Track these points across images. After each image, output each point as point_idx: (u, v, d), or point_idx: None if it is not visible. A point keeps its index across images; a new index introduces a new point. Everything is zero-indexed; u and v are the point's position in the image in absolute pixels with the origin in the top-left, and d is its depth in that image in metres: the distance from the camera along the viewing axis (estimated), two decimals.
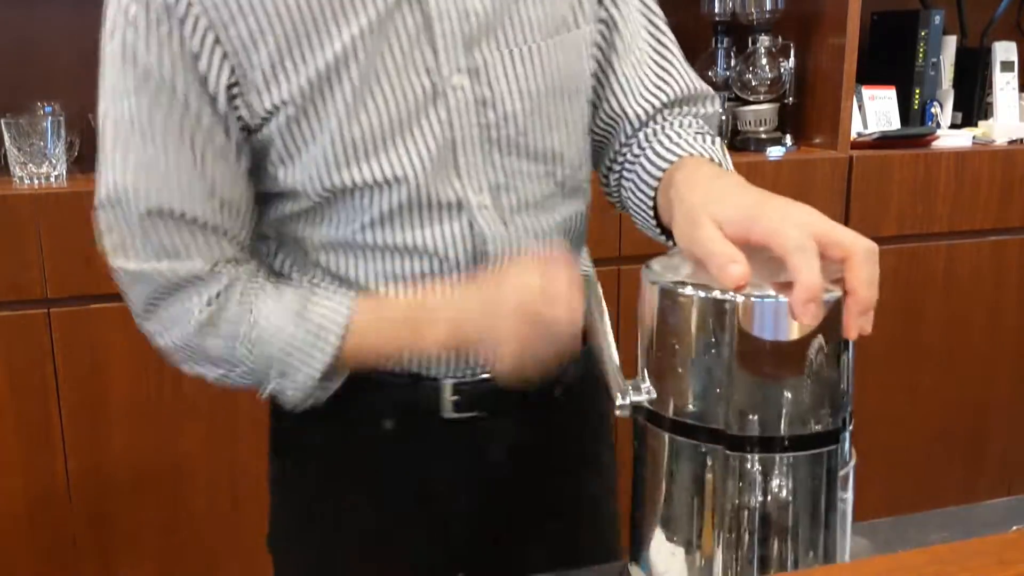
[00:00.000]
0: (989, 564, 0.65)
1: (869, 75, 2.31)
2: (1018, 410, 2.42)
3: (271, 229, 0.91)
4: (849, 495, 0.71)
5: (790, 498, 0.67)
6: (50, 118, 1.77)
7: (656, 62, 0.95)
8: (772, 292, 0.64)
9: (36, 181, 1.76)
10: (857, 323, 0.64)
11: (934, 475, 2.36)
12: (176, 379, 1.81)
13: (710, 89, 0.98)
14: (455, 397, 0.91)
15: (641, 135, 0.93)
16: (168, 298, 0.85)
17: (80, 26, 2.03)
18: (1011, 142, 2.33)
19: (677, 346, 0.68)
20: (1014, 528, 0.91)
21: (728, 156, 0.91)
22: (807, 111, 2.23)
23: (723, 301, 0.64)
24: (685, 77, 0.95)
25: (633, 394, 0.70)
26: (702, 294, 0.65)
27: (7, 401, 1.74)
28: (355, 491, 0.97)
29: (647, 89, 0.94)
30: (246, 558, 1.93)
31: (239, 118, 0.81)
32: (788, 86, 2.22)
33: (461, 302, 0.85)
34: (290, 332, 0.85)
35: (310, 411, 0.90)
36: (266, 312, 0.85)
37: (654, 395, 0.70)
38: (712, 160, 0.86)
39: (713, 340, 0.66)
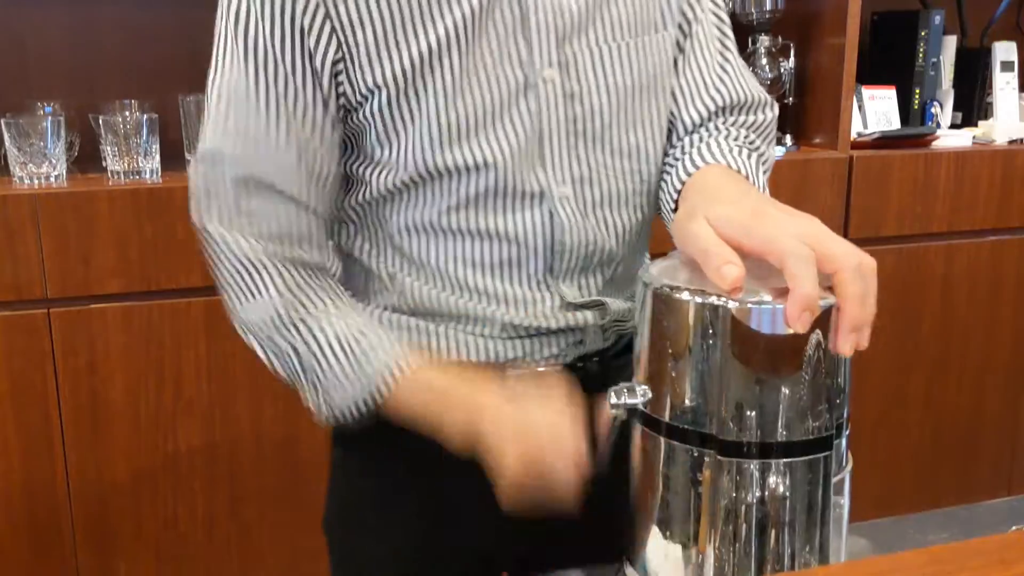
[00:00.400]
0: (989, 564, 0.65)
1: (869, 75, 2.32)
2: (1017, 410, 2.42)
3: (354, 213, 0.94)
4: (845, 499, 0.71)
5: (783, 503, 0.67)
6: (50, 118, 1.77)
7: (720, 64, 0.96)
8: (766, 297, 0.64)
9: (36, 181, 1.76)
10: (848, 338, 0.64)
11: (933, 475, 2.37)
12: (176, 379, 1.81)
13: (766, 96, 0.99)
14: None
15: (687, 140, 0.94)
16: (247, 277, 0.88)
17: (80, 26, 2.03)
18: (1011, 142, 2.33)
19: (671, 349, 0.68)
20: (1014, 528, 0.91)
21: (762, 172, 0.91)
22: (807, 111, 2.23)
23: (717, 306, 0.64)
24: (740, 84, 0.96)
25: (628, 396, 0.70)
26: (697, 299, 0.65)
27: (7, 401, 1.74)
28: (408, 475, 0.99)
29: (705, 93, 0.95)
30: (246, 558, 1.93)
31: (341, 94, 0.85)
32: (788, 86, 2.22)
33: (483, 408, 0.84)
34: (343, 366, 0.87)
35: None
36: (328, 334, 0.88)
37: (648, 396, 0.70)
38: (739, 172, 0.87)
39: (706, 345, 0.65)
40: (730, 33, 0.99)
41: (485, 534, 0.98)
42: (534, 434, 0.79)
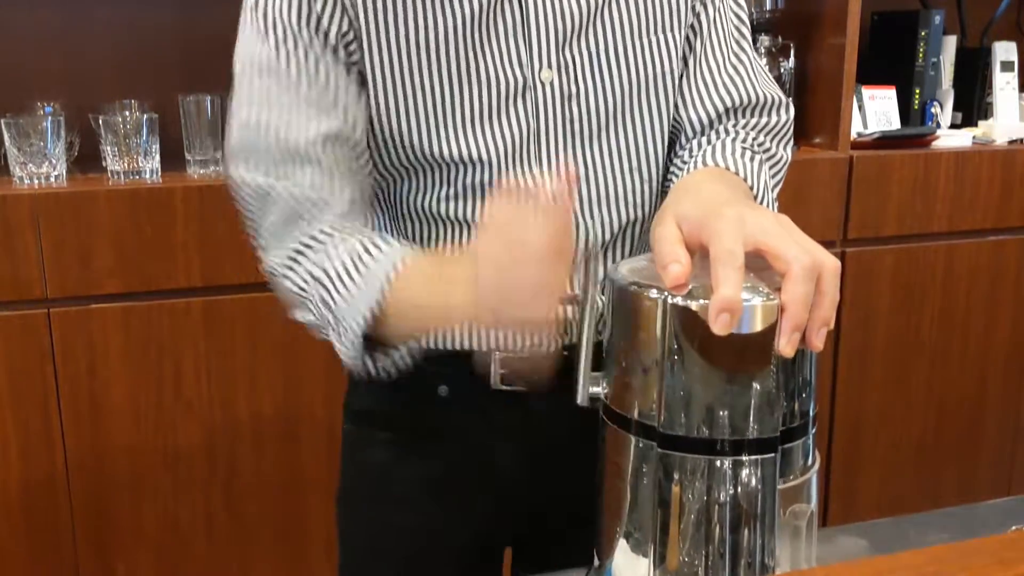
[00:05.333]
0: (989, 564, 0.65)
1: (869, 75, 2.31)
2: (1017, 410, 2.42)
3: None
4: (812, 503, 0.70)
5: (721, 502, 0.66)
6: (50, 118, 1.77)
7: (733, 64, 0.96)
8: (703, 296, 0.64)
9: (36, 181, 1.76)
10: (791, 339, 0.62)
11: (933, 475, 2.36)
12: (176, 379, 1.81)
13: (781, 97, 0.99)
14: (503, 370, 0.95)
15: (695, 143, 0.95)
16: (285, 228, 0.88)
17: (80, 26, 2.03)
18: (1011, 142, 2.32)
19: (623, 342, 0.69)
20: (1014, 528, 0.91)
21: (767, 175, 0.90)
22: (807, 111, 2.23)
23: (659, 301, 0.65)
24: (751, 84, 0.96)
25: (592, 385, 0.72)
26: (644, 292, 0.66)
27: (7, 401, 1.74)
28: (415, 453, 1.01)
29: (714, 92, 0.95)
30: (245, 557, 1.93)
31: (358, 70, 0.88)
32: (788, 86, 2.21)
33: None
34: (344, 279, 0.85)
35: (378, 380, 0.95)
36: (331, 256, 0.87)
37: (608, 387, 0.71)
38: (737, 173, 0.87)
39: (651, 339, 0.66)
40: (747, 34, 0.99)
41: (485, 511, 1.01)
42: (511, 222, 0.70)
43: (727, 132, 0.94)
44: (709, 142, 0.93)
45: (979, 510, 1.01)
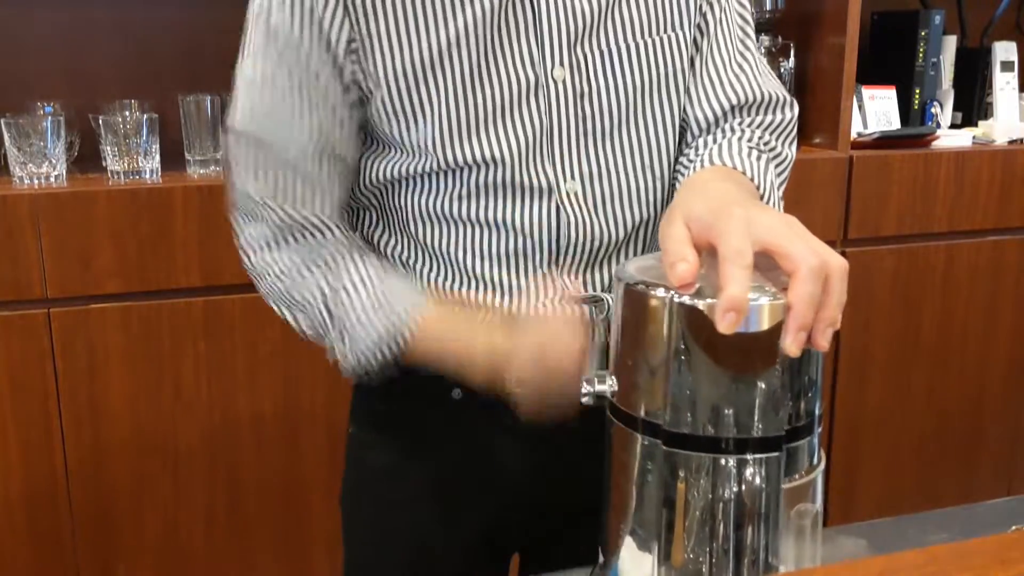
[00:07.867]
0: (989, 564, 0.65)
1: (869, 75, 2.32)
2: (1017, 410, 2.42)
3: (374, 197, 0.96)
4: (817, 502, 0.70)
5: (726, 500, 0.67)
6: (50, 118, 1.77)
7: (738, 63, 0.97)
8: (709, 295, 0.64)
9: (36, 181, 1.76)
10: (796, 338, 0.62)
11: (933, 475, 2.37)
12: (176, 379, 1.81)
13: (785, 95, 0.99)
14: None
15: (700, 141, 0.95)
16: (278, 245, 0.92)
17: (81, 26, 2.03)
18: (1011, 142, 2.33)
19: (629, 341, 0.70)
20: (1014, 528, 0.91)
21: (772, 174, 0.91)
22: (807, 111, 2.23)
23: (665, 300, 0.65)
24: (756, 82, 0.97)
25: (597, 384, 0.72)
26: (651, 292, 0.66)
27: (7, 401, 1.74)
28: (421, 455, 1.01)
29: (720, 90, 0.96)
30: (246, 558, 1.93)
31: (355, 81, 0.88)
32: (788, 86, 2.21)
33: (499, 333, 0.87)
34: (370, 315, 0.90)
35: (384, 382, 0.96)
36: (353, 274, 0.91)
37: (615, 387, 0.71)
38: (744, 173, 0.87)
39: (657, 338, 0.66)
40: (752, 33, 1.00)
41: (491, 513, 1.01)
42: (539, 335, 0.83)
43: (732, 131, 0.95)
44: (715, 140, 0.93)
45: (979, 510, 1.01)
